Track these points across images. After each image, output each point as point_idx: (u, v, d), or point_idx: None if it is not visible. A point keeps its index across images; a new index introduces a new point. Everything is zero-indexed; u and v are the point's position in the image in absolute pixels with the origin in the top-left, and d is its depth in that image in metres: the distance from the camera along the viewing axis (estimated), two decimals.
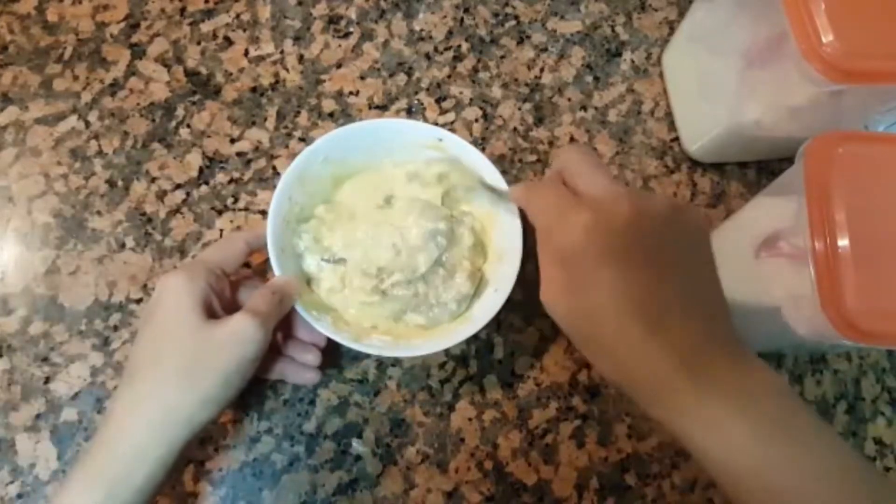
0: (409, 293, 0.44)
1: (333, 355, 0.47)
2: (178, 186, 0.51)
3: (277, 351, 0.44)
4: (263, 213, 0.50)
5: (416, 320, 0.44)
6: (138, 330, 0.39)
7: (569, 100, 0.56)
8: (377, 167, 0.47)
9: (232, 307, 0.40)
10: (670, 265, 0.32)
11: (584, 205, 0.32)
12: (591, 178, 0.33)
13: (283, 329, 0.44)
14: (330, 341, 0.42)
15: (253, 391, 0.46)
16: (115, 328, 0.47)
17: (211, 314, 0.39)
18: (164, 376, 0.36)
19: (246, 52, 0.55)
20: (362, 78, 0.55)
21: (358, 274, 0.44)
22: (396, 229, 0.44)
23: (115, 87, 0.53)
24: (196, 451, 0.45)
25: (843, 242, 0.36)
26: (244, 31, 0.56)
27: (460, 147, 0.46)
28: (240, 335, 0.37)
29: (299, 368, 0.44)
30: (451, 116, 0.55)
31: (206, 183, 0.51)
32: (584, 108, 0.56)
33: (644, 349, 0.30)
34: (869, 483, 0.29)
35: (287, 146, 0.53)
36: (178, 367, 0.36)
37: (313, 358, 0.44)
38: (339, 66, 0.55)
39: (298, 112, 0.54)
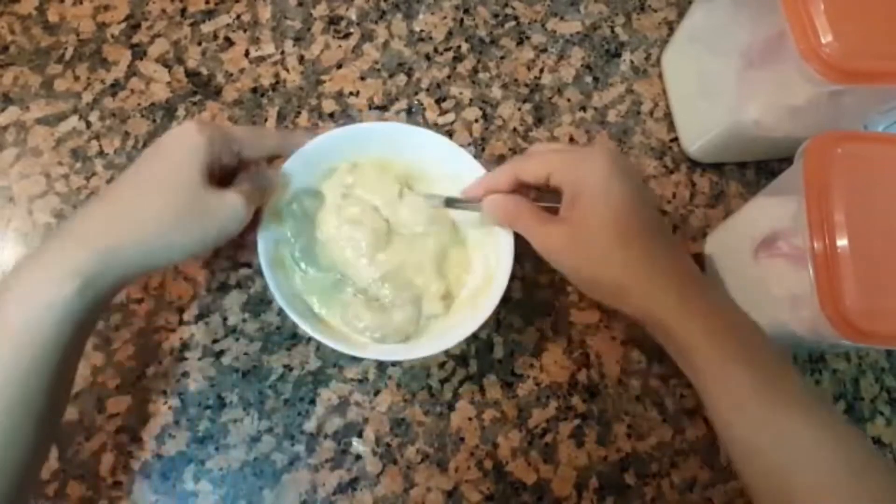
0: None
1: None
2: None
3: None
4: None
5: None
6: (134, 165, 0.39)
7: (568, 100, 0.56)
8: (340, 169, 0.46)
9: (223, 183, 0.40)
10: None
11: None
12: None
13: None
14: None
15: (253, 390, 0.46)
16: (116, 328, 0.47)
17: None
18: (147, 215, 0.36)
19: (246, 53, 0.55)
20: (362, 78, 0.55)
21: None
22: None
23: (115, 87, 0.53)
24: (196, 451, 0.45)
25: (842, 242, 0.36)
26: (245, 31, 0.56)
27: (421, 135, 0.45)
28: (231, 210, 0.38)
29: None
30: (451, 117, 0.55)
31: None
32: (583, 108, 0.56)
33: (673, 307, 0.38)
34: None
35: None
36: (166, 214, 0.36)
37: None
38: (339, 66, 0.56)
39: (299, 112, 0.54)
